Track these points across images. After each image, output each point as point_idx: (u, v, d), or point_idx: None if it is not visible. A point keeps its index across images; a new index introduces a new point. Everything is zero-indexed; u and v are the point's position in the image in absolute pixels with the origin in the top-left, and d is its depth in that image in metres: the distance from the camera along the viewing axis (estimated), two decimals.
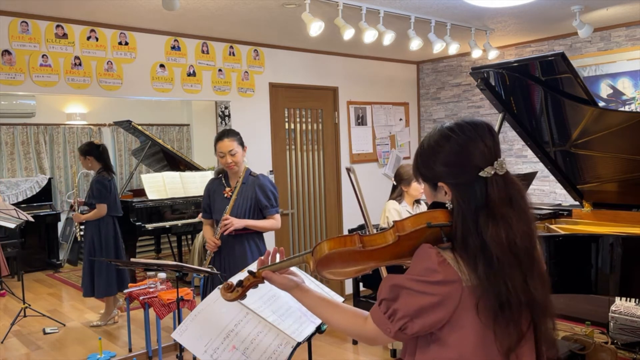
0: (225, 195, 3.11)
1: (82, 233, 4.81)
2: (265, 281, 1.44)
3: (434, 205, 1.29)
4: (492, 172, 1.23)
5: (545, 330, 1.25)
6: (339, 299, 2.20)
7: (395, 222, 1.25)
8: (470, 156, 1.24)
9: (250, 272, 1.44)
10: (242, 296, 1.46)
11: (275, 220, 3.16)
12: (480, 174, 1.22)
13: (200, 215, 5.66)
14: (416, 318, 1.19)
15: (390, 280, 1.24)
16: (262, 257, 1.48)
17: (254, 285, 1.46)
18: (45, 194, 7.22)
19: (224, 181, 3.18)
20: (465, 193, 1.22)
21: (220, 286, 1.47)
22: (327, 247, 1.27)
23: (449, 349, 1.21)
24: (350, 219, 5.87)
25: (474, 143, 1.25)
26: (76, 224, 4.79)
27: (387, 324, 1.23)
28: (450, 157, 1.25)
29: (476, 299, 1.17)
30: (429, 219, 1.23)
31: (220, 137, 3.09)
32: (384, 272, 2.20)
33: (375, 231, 1.41)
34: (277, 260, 1.47)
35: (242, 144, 3.12)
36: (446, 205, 1.26)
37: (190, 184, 6.30)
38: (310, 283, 2.17)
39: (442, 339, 1.22)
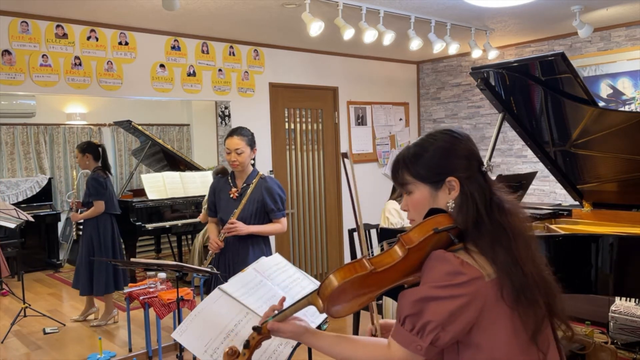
0: (231, 195, 3.06)
1: (80, 233, 4.82)
2: (272, 336, 1.33)
3: (430, 213, 1.26)
4: (487, 167, 1.33)
5: (560, 310, 1.28)
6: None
7: (400, 236, 1.22)
8: (474, 152, 1.33)
9: (255, 329, 1.31)
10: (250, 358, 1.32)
11: (281, 225, 3.10)
12: (482, 168, 1.31)
13: (200, 215, 5.69)
14: (448, 325, 1.17)
15: (410, 296, 1.21)
16: (267, 311, 1.38)
17: (260, 344, 1.34)
18: (45, 194, 7.21)
19: (230, 181, 3.12)
20: (475, 184, 1.28)
21: (223, 355, 1.32)
22: (336, 279, 1.19)
23: (482, 350, 1.21)
24: (350, 218, 5.87)
25: (472, 142, 1.35)
26: (74, 223, 4.78)
27: (416, 341, 1.18)
28: (464, 152, 1.31)
29: (499, 289, 1.19)
30: (434, 224, 1.21)
31: (230, 133, 3.05)
32: None
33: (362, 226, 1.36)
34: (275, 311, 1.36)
35: (251, 144, 3.06)
36: (448, 204, 1.27)
37: (190, 184, 6.29)
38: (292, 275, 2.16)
39: (473, 342, 1.21)
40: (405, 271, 1.23)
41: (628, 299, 3.87)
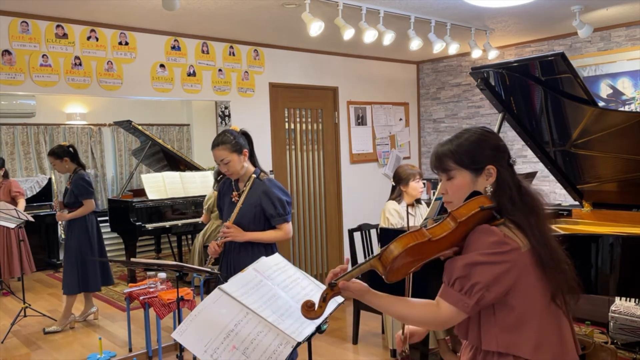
0: (233, 199, 2.92)
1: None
2: (341, 292, 1.51)
3: (473, 195, 1.48)
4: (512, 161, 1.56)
5: (571, 278, 1.48)
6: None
7: (451, 212, 1.44)
8: (504, 146, 1.56)
9: (330, 285, 1.50)
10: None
11: (282, 232, 2.84)
12: (510, 161, 1.54)
13: (202, 216, 5.69)
14: (492, 286, 1.39)
15: (460, 261, 1.42)
16: (334, 270, 1.53)
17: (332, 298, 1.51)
18: (45, 194, 7.21)
19: (233, 184, 2.97)
20: (508, 172, 1.51)
21: (300, 308, 1.47)
22: (399, 246, 1.40)
23: (514, 310, 1.42)
24: (350, 218, 5.87)
25: (500, 138, 1.59)
26: (61, 223, 4.70)
27: (464, 300, 1.40)
28: (496, 144, 1.54)
29: (534, 257, 1.42)
30: (479, 203, 1.44)
31: (212, 145, 2.86)
32: None
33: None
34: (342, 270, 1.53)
35: (237, 150, 2.81)
36: (486, 188, 1.49)
37: (190, 184, 6.29)
38: (305, 278, 2.17)
39: (508, 303, 1.42)
40: (452, 242, 1.46)
41: (628, 299, 3.87)
